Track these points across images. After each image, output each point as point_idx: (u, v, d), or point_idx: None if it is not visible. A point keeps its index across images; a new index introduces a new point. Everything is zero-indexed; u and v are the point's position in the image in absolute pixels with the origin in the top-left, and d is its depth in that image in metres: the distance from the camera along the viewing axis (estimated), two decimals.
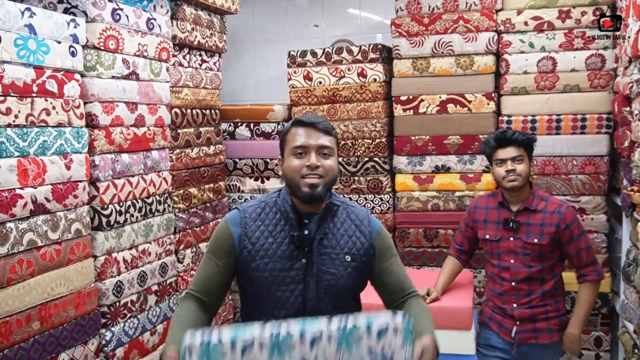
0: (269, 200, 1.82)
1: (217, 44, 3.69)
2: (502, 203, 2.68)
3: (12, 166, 2.14)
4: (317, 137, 1.73)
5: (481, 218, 2.74)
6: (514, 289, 2.61)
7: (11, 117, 2.15)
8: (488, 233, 2.70)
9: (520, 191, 2.61)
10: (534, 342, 2.62)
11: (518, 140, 2.58)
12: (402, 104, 3.61)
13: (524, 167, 2.57)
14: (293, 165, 1.72)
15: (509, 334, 2.64)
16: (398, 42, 3.58)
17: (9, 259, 2.13)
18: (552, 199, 2.64)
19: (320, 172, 1.71)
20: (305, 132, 1.74)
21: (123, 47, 2.75)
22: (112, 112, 2.71)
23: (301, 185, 1.70)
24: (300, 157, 1.72)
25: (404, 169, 3.65)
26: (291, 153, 1.74)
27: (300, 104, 3.79)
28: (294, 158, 1.72)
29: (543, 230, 2.56)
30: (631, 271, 2.62)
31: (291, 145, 1.74)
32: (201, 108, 3.58)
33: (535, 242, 2.56)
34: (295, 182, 1.71)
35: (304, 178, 1.70)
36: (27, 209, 2.21)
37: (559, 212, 2.57)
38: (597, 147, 3.29)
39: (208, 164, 3.64)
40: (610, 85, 3.24)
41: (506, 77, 3.40)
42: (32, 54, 2.24)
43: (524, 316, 2.60)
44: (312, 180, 1.70)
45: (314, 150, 1.72)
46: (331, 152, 1.75)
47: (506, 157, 2.58)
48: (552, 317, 2.61)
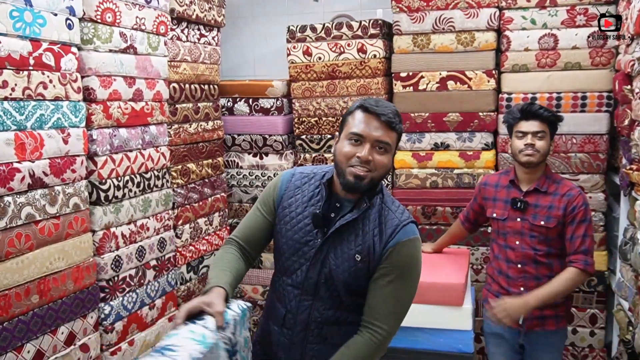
0: (319, 172, 1.84)
1: (216, 18, 3.65)
2: (513, 182, 2.64)
3: (9, 140, 2.13)
4: (377, 129, 1.67)
5: (490, 196, 2.71)
6: (521, 272, 2.58)
7: (8, 90, 2.14)
8: (495, 212, 2.67)
9: (534, 169, 2.57)
10: (539, 330, 2.60)
11: (543, 115, 2.52)
12: (401, 80, 3.59)
13: (544, 144, 2.52)
14: (345, 150, 1.69)
15: (517, 322, 2.57)
16: (398, 17, 3.54)
17: (7, 233, 2.13)
18: (565, 182, 2.60)
19: (370, 167, 1.67)
20: (367, 119, 1.68)
21: (120, 20, 2.72)
22: (110, 86, 2.69)
23: (347, 173, 1.68)
24: (355, 145, 1.68)
25: (403, 146, 3.63)
26: (347, 137, 1.70)
27: (299, 80, 3.77)
28: (349, 143, 1.68)
29: (551, 212, 2.52)
30: (628, 249, 2.63)
31: (349, 129, 1.70)
32: (199, 83, 3.55)
33: (542, 224, 2.53)
34: (342, 168, 1.69)
35: (352, 167, 1.67)
36: (25, 183, 2.21)
37: (569, 195, 2.52)
38: (597, 126, 3.27)
39: (206, 139, 3.63)
40: (612, 63, 3.22)
41: (507, 54, 3.37)
42: (28, 26, 2.21)
43: None
44: (359, 171, 1.66)
45: (370, 142, 1.66)
46: (388, 148, 1.69)
47: (528, 130, 2.53)
48: (560, 304, 2.59)
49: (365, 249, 1.72)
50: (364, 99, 1.74)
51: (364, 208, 1.74)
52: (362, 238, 1.73)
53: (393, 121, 1.68)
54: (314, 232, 1.74)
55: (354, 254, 1.72)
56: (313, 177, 1.83)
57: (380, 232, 1.73)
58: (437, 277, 2.71)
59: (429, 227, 3.63)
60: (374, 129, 1.66)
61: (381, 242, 1.72)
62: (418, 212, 3.62)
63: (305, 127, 3.80)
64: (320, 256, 1.74)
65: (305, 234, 1.75)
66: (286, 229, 1.78)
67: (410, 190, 3.64)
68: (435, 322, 2.67)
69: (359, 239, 1.73)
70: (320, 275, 1.74)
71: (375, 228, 1.73)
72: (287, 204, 1.80)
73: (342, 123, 1.76)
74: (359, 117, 1.69)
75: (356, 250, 1.72)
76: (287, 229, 1.78)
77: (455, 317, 2.66)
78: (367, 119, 1.68)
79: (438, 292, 2.64)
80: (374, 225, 1.74)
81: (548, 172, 2.62)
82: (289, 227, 1.78)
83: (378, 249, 1.72)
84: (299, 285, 1.76)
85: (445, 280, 2.68)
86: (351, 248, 1.72)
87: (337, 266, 1.72)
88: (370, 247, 1.72)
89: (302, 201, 1.79)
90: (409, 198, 3.64)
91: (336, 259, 1.73)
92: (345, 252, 1.73)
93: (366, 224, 1.74)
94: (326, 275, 1.73)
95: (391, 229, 1.73)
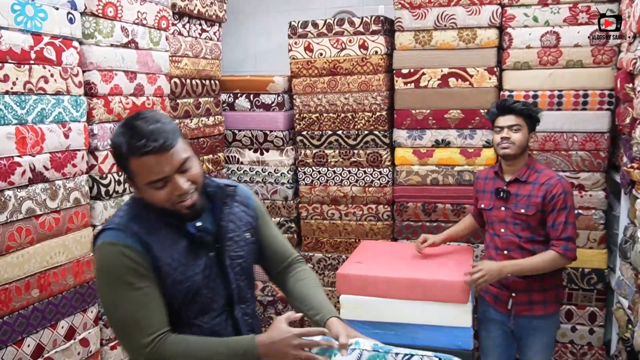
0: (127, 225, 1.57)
1: (217, 13, 3.65)
2: (497, 173, 2.74)
3: (10, 134, 2.13)
4: (166, 163, 1.49)
5: (481, 188, 2.83)
6: (507, 258, 2.65)
7: (9, 85, 2.14)
8: (483, 202, 2.78)
9: (515, 161, 2.66)
10: (528, 314, 2.65)
11: (517, 109, 2.61)
12: (403, 77, 3.58)
13: (520, 136, 2.60)
14: (160, 198, 1.52)
15: (505, 306, 2.69)
16: (400, 14, 3.53)
17: (8, 227, 2.13)
18: (546, 172, 2.66)
19: (192, 188, 1.55)
20: (150, 163, 1.48)
21: (122, 14, 2.72)
22: (111, 81, 2.68)
23: (179, 210, 1.55)
24: (162, 188, 1.51)
25: (403, 142, 3.64)
26: (148, 187, 1.51)
27: (300, 76, 3.76)
28: (156, 191, 1.51)
29: (530, 200, 2.60)
30: (628, 248, 2.63)
31: (144, 180, 1.50)
32: (201, 78, 3.55)
33: (522, 212, 2.61)
34: (169, 209, 1.55)
35: (178, 204, 1.54)
36: (26, 177, 2.21)
37: (548, 183, 2.59)
38: (598, 124, 3.27)
39: (207, 134, 3.62)
40: (614, 61, 3.21)
41: (509, 52, 3.37)
42: (29, 20, 2.21)
43: (519, 287, 2.64)
44: (188, 202, 1.54)
45: (173, 174, 1.51)
46: (189, 160, 1.55)
47: (504, 124, 2.63)
48: (548, 289, 2.64)
49: (250, 222, 1.76)
50: (125, 139, 1.49)
51: (220, 210, 1.69)
52: (239, 221, 1.73)
53: (167, 142, 1.49)
54: (201, 257, 1.63)
55: (243, 234, 1.73)
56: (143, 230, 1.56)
57: (245, 205, 1.77)
58: (442, 274, 2.71)
59: (429, 223, 3.63)
60: (165, 165, 1.49)
61: (246, 206, 1.77)
62: (418, 209, 3.62)
63: (306, 123, 3.80)
64: (222, 268, 1.67)
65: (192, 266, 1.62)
66: (173, 278, 1.58)
67: (410, 187, 3.64)
68: (434, 318, 2.67)
69: (240, 222, 1.73)
70: (233, 285, 1.68)
71: (238, 209, 1.75)
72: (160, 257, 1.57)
73: (121, 168, 1.57)
74: (142, 165, 1.48)
75: (245, 230, 1.74)
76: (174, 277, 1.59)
77: (455, 314, 2.66)
78: (149, 162, 1.47)
79: (442, 289, 2.65)
80: (237, 207, 1.74)
81: (530, 162, 2.68)
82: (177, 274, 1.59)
83: (249, 211, 1.77)
84: (224, 308, 1.69)
85: (449, 277, 2.68)
86: (240, 233, 1.72)
87: (238, 258, 1.71)
88: (245, 217, 1.75)
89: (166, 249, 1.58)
90: (410, 195, 3.64)
91: (236, 253, 1.70)
92: (238, 239, 1.71)
93: (235, 213, 1.73)
94: (240, 273, 1.71)
95: (241, 197, 1.77)
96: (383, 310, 2.69)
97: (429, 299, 2.66)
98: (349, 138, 3.73)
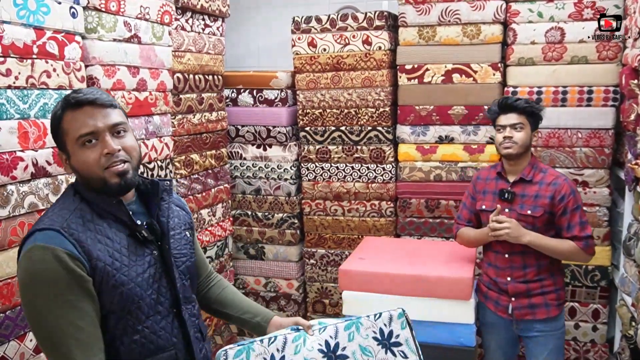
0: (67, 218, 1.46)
1: (220, 8, 3.64)
2: (500, 173, 2.65)
3: (12, 128, 2.13)
4: (103, 117, 1.46)
5: (481, 189, 2.72)
6: (508, 261, 2.58)
7: (11, 79, 2.13)
8: (485, 204, 2.67)
9: (518, 160, 2.58)
10: (530, 318, 2.58)
11: (519, 107, 2.54)
12: (406, 72, 3.57)
13: (522, 135, 2.53)
14: (87, 158, 1.45)
15: (506, 312, 2.62)
16: (404, 9, 3.52)
17: (10, 222, 2.13)
18: (551, 171, 2.60)
19: (124, 155, 1.49)
20: (85, 114, 1.45)
21: (124, 9, 2.71)
22: (114, 76, 2.68)
23: (107, 178, 1.46)
24: (92, 147, 1.45)
25: (407, 138, 3.63)
26: (76, 144, 1.45)
27: (304, 71, 3.76)
28: (83, 149, 1.45)
29: (537, 202, 2.52)
30: (632, 245, 2.62)
31: (75, 134, 1.45)
32: (204, 73, 3.54)
33: (528, 213, 2.53)
34: (95, 176, 1.46)
35: (108, 169, 1.46)
36: (28, 172, 2.20)
37: (555, 183, 2.52)
38: (603, 120, 3.26)
39: (210, 130, 3.62)
40: (619, 57, 3.20)
41: (513, 47, 3.35)
42: (32, 14, 2.20)
43: (518, 291, 2.57)
44: (119, 167, 1.46)
45: (105, 132, 1.46)
46: (126, 127, 1.52)
47: (506, 123, 2.55)
48: (548, 292, 2.57)
49: (188, 222, 1.75)
50: (62, 101, 1.48)
51: (165, 200, 1.64)
52: (178, 219, 1.71)
53: (105, 99, 1.48)
54: (145, 256, 1.55)
55: (186, 234, 1.71)
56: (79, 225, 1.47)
57: (180, 207, 1.75)
58: (444, 271, 2.71)
59: (432, 220, 3.63)
60: (99, 120, 1.46)
61: (185, 212, 1.76)
62: (422, 205, 3.62)
63: (310, 118, 3.79)
64: (166, 268, 1.60)
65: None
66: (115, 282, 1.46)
67: (414, 183, 3.63)
68: (437, 315, 2.67)
69: (179, 220, 1.71)
70: (178, 284, 1.62)
71: (176, 209, 1.72)
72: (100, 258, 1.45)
73: (55, 135, 1.51)
74: (75, 117, 1.45)
75: (185, 229, 1.71)
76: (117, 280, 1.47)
77: (458, 311, 2.67)
78: (83, 114, 1.45)
79: (445, 286, 2.65)
80: (174, 205, 1.72)
81: (533, 161, 2.61)
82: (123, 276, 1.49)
83: (185, 212, 1.76)
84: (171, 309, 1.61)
85: (452, 274, 2.68)
86: (180, 232, 1.69)
87: (182, 256, 1.67)
88: (183, 216, 1.75)
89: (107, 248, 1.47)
90: (413, 191, 3.63)
91: (179, 251, 1.66)
92: (180, 238, 1.68)
93: (172, 210, 1.69)
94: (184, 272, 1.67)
95: (176, 198, 1.77)
96: (385, 307, 2.69)
97: (432, 295, 2.66)
98: (352, 134, 3.72)
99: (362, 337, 1.69)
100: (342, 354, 1.66)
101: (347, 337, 1.69)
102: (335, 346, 1.67)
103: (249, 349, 1.62)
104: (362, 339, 1.69)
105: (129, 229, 1.51)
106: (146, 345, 1.51)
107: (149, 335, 1.52)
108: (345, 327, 1.70)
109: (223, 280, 1.90)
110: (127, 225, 1.51)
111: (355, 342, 1.68)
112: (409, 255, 2.99)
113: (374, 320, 1.72)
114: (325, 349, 1.66)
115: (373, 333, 1.70)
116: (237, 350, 1.62)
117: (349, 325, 1.70)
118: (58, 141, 1.51)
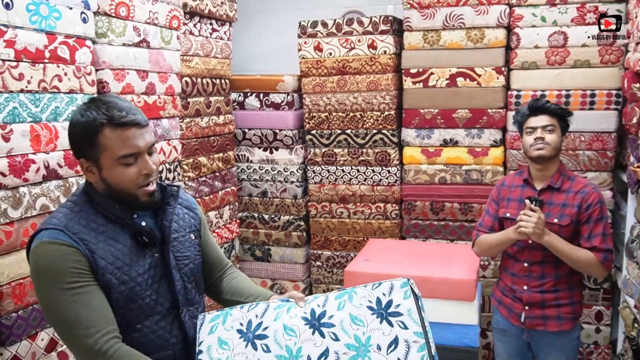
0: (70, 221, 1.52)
1: (228, 13, 3.69)
2: (526, 180, 2.58)
3: (25, 131, 2.18)
4: (142, 137, 1.52)
5: (505, 196, 2.64)
6: (526, 270, 2.53)
7: (24, 83, 2.18)
8: (509, 211, 2.58)
9: (547, 165, 2.51)
10: (542, 329, 2.53)
11: (551, 109, 2.49)
12: (411, 76, 3.60)
13: (555, 137, 2.47)
14: (127, 176, 1.52)
15: (518, 319, 2.56)
16: (409, 13, 3.55)
17: (23, 223, 2.18)
18: (579, 179, 2.53)
19: (156, 175, 1.59)
20: (127, 134, 1.49)
21: (134, 14, 2.76)
22: (123, 80, 2.73)
23: (139, 196, 1.55)
24: (132, 165, 1.52)
25: (412, 141, 3.66)
26: (117, 162, 1.50)
27: (310, 75, 3.80)
28: (124, 168, 1.51)
29: (564, 210, 2.45)
30: (634, 247, 2.64)
31: (115, 154, 1.49)
32: (211, 77, 3.59)
33: (555, 222, 2.45)
34: (128, 193, 1.54)
35: (142, 188, 1.55)
36: (40, 174, 2.25)
37: (583, 192, 2.45)
38: (606, 124, 3.28)
39: (217, 133, 3.66)
40: (621, 61, 3.22)
41: (517, 51, 3.38)
42: (44, 20, 2.25)
43: (532, 300, 2.51)
44: (151, 187, 1.56)
45: (144, 152, 1.53)
46: (154, 148, 1.58)
47: (537, 125, 2.48)
48: (563, 305, 2.50)
49: (195, 225, 1.77)
50: (99, 112, 1.48)
51: (170, 205, 1.68)
52: (183, 222, 1.73)
53: (144, 119, 1.54)
54: (146, 257, 1.60)
55: (190, 237, 1.73)
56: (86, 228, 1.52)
57: (189, 209, 1.78)
58: (449, 272, 2.73)
59: (436, 222, 3.65)
60: (141, 140, 1.51)
61: (194, 213, 1.78)
62: (426, 208, 3.65)
63: (316, 122, 3.83)
64: (166, 270, 1.64)
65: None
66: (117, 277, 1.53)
67: (418, 186, 3.66)
68: (442, 316, 2.69)
69: (183, 222, 1.73)
70: (177, 286, 1.65)
71: (182, 212, 1.74)
72: (102, 256, 1.52)
73: (83, 143, 1.51)
74: (119, 136, 1.48)
75: (190, 232, 1.74)
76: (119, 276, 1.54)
77: (462, 312, 2.68)
78: (127, 134, 1.49)
79: (450, 287, 2.66)
80: (180, 210, 1.74)
81: (562, 168, 2.55)
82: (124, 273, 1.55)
83: (193, 214, 1.78)
84: (171, 310, 1.64)
85: (457, 275, 2.70)
86: (184, 234, 1.72)
87: (185, 258, 1.71)
88: (191, 219, 1.77)
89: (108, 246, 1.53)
90: (418, 194, 3.66)
91: (182, 253, 1.69)
92: (183, 240, 1.71)
93: (176, 213, 1.72)
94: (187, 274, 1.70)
95: (185, 200, 1.79)
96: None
97: (436, 296, 2.68)
98: (358, 137, 3.76)
99: (355, 306, 1.53)
100: (327, 322, 1.51)
101: (336, 306, 1.54)
102: (321, 314, 1.53)
103: (227, 314, 1.59)
104: (355, 307, 1.53)
105: (131, 231, 1.57)
106: (144, 344, 1.56)
107: (147, 334, 1.58)
108: (337, 296, 1.57)
109: (236, 271, 1.91)
110: (130, 227, 1.57)
111: (346, 310, 1.53)
112: (413, 257, 3.01)
113: (372, 290, 1.57)
114: (310, 317, 1.53)
115: (368, 302, 1.54)
116: (215, 315, 1.60)
117: (341, 294, 1.57)
118: (86, 150, 1.51)
